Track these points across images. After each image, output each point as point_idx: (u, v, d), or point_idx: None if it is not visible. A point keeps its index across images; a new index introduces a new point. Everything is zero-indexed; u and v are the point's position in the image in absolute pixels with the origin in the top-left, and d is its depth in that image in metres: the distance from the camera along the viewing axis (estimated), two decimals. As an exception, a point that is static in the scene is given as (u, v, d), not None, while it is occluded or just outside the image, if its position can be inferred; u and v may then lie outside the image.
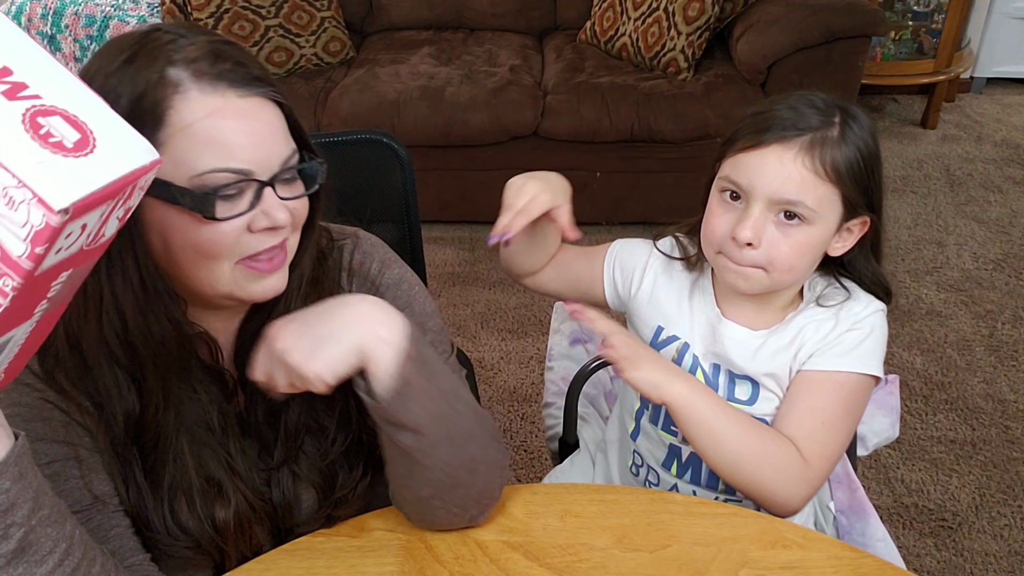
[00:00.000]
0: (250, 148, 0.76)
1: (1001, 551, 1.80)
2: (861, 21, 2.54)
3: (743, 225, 0.94)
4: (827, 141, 0.93)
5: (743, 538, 0.92)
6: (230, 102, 0.75)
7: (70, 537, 0.72)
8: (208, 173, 0.75)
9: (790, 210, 0.94)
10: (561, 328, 1.35)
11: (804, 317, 1.03)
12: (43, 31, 2.72)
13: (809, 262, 0.98)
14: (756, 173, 0.94)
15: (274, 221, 0.79)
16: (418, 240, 1.34)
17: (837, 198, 0.94)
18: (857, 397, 1.01)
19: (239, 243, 0.79)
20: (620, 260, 1.14)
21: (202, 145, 0.75)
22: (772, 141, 0.93)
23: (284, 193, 0.80)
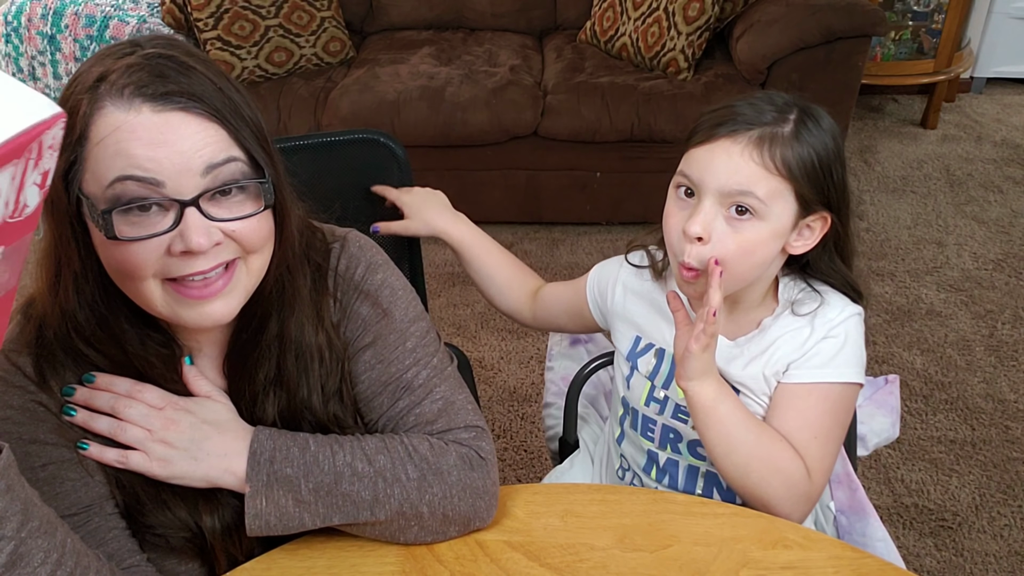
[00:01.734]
0: (157, 158, 0.73)
1: (1001, 551, 1.80)
2: (861, 21, 2.54)
3: (693, 220, 0.94)
4: (777, 137, 0.93)
5: (744, 538, 0.92)
6: (142, 116, 0.74)
7: (61, 547, 0.71)
8: (115, 182, 0.73)
9: (740, 204, 0.93)
10: (561, 328, 1.35)
11: (780, 326, 1.03)
12: (43, 31, 2.72)
13: (762, 259, 0.97)
14: (706, 167, 0.95)
15: (188, 245, 0.75)
16: (417, 240, 1.34)
17: (789, 193, 0.94)
18: (843, 405, 1.00)
19: (161, 265, 0.76)
20: (597, 281, 1.18)
21: (111, 157, 0.74)
22: (723, 135, 0.94)
23: (219, 213, 0.77)
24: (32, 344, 0.84)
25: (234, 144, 0.77)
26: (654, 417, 1.11)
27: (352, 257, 0.94)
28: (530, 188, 2.80)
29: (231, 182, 0.77)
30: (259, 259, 0.82)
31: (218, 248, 0.77)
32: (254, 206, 0.79)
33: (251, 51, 2.76)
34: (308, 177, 0.92)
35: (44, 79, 2.78)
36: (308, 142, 1.25)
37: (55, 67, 2.76)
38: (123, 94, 0.74)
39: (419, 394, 0.92)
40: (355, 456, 0.86)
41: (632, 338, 1.12)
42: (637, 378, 1.11)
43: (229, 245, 0.78)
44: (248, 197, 0.79)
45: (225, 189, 0.77)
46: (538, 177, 2.78)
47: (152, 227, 0.75)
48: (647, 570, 0.89)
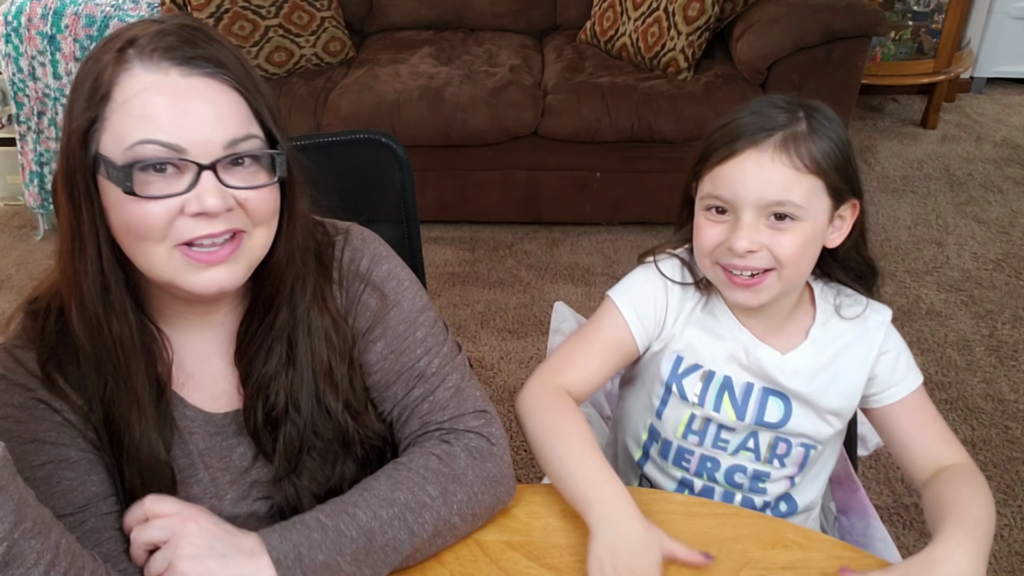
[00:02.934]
0: (182, 125, 0.75)
1: (1001, 551, 1.80)
2: (861, 21, 2.54)
3: (737, 236, 0.93)
4: (799, 136, 0.93)
5: (744, 538, 0.92)
6: (170, 79, 0.75)
7: (55, 547, 0.70)
8: (137, 145, 0.74)
9: (779, 211, 0.93)
10: (561, 328, 1.35)
11: (832, 336, 1.04)
12: (43, 31, 2.72)
13: (811, 257, 0.98)
14: (737, 182, 0.94)
15: (203, 206, 0.76)
16: (418, 240, 1.34)
17: (822, 189, 0.95)
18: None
19: (173, 227, 0.77)
20: (636, 308, 1.05)
21: (136, 119, 0.75)
22: (745, 147, 0.93)
23: (233, 181, 0.78)
24: (36, 339, 0.84)
25: (253, 118, 0.79)
26: (691, 448, 1.09)
27: (356, 249, 0.96)
28: (530, 188, 2.80)
29: (248, 153, 0.79)
30: (264, 233, 0.83)
31: (229, 214, 0.79)
32: (266, 177, 0.81)
33: (251, 51, 2.76)
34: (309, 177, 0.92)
35: (44, 79, 2.78)
36: (309, 142, 1.25)
37: (55, 67, 2.76)
38: (152, 57, 0.75)
39: (432, 382, 0.94)
40: (374, 506, 0.84)
41: (674, 359, 1.06)
42: (674, 407, 1.08)
43: (239, 214, 0.80)
44: (261, 168, 0.81)
45: (239, 159, 0.78)
46: (538, 177, 2.78)
47: (168, 187, 0.76)
48: (647, 570, 0.88)
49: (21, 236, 2.98)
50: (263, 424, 0.91)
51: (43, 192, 2.87)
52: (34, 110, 2.82)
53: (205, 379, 0.92)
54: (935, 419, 1.04)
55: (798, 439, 1.07)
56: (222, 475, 0.91)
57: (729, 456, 1.08)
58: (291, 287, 0.89)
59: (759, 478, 1.08)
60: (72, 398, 0.83)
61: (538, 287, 2.65)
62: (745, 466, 1.08)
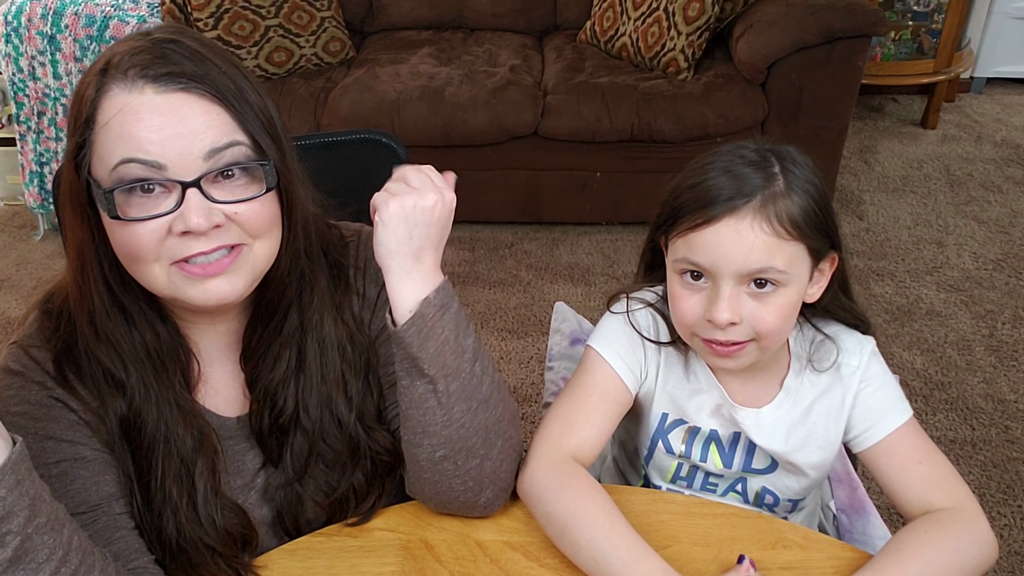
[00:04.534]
0: (159, 141, 0.74)
1: (1001, 551, 1.80)
2: (861, 21, 2.54)
3: (718, 308, 0.89)
4: (777, 197, 0.88)
5: (743, 538, 0.92)
6: (145, 97, 0.75)
7: (67, 544, 0.71)
8: (119, 165, 0.75)
9: (761, 278, 0.89)
10: (561, 328, 1.35)
11: (806, 387, 1.01)
12: (43, 31, 2.72)
13: (792, 321, 0.95)
14: (715, 251, 0.89)
15: (187, 225, 0.75)
16: (418, 240, 1.34)
17: (803, 251, 0.90)
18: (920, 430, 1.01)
19: (164, 246, 0.77)
20: (620, 354, 1.02)
21: (115, 140, 0.75)
22: (722, 215, 0.88)
23: (221, 195, 0.77)
24: (51, 339, 0.84)
25: (237, 128, 0.78)
26: (681, 489, 1.10)
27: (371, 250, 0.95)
28: (530, 188, 2.80)
29: (233, 164, 0.77)
30: (266, 245, 0.82)
31: (219, 230, 0.78)
32: (257, 189, 0.79)
33: (251, 51, 2.76)
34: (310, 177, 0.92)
35: (44, 79, 2.78)
36: (310, 142, 1.25)
37: (55, 67, 2.76)
38: (127, 75, 0.75)
39: None
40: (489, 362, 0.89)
41: (659, 415, 1.05)
42: (660, 457, 1.07)
43: (232, 228, 0.79)
44: (252, 180, 0.80)
45: (228, 172, 0.78)
46: (538, 177, 2.78)
47: (155, 208, 0.76)
48: (647, 570, 0.88)
49: (21, 236, 2.98)
50: (270, 430, 0.91)
51: (43, 192, 2.87)
52: (34, 110, 2.82)
53: (217, 383, 0.92)
54: (923, 458, 0.97)
55: (786, 495, 1.06)
56: (234, 479, 0.91)
57: (719, 497, 1.08)
58: (299, 292, 0.88)
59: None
60: (86, 398, 0.84)
61: (538, 287, 2.65)
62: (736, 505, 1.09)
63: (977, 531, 0.90)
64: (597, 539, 0.86)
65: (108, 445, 0.84)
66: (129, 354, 0.84)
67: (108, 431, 0.84)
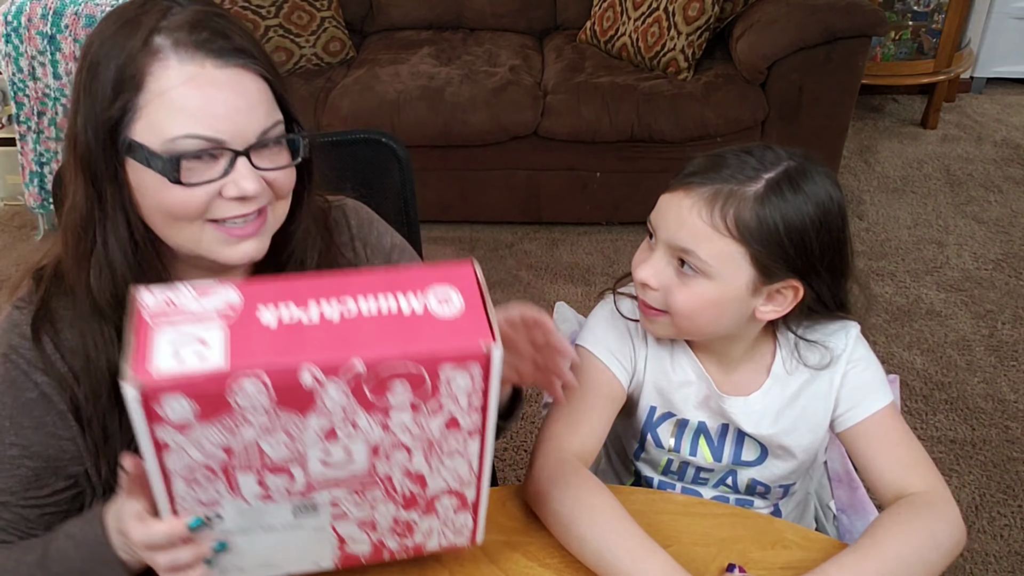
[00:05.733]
0: (223, 118, 0.78)
1: (1001, 551, 1.80)
2: (861, 21, 2.54)
3: (641, 265, 0.95)
4: (736, 196, 0.88)
5: (743, 538, 0.92)
6: (207, 71, 0.77)
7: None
8: (179, 139, 0.77)
9: (685, 259, 0.91)
10: (562, 328, 1.35)
11: (796, 373, 1.01)
12: (43, 31, 2.72)
13: (718, 318, 0.94)
14: (659, 214, 0.94)
15: (242, 191, 0.80)
16: (418, 240, 1.34)
17: (742, 257, 0.89)
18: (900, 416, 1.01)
19: (209, 207, 0.81)
20: (611, 349, 1.03)
21: (176, 112, 0.77)
22: (679, 186, 0.92)
23: (262, 163, 0.82)
24: (36, 301, 0.87)
25: (276, 105, 0.83)
26: (672, 482, 1.11)
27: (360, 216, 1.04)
28: (530, 188, 2.80)
29: (276, 137, 0.83)
30: (283, 206, 0.88)
31: (260, 195, 0.83)
32: (288, 158, 0.85)
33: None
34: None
35: (44, 79, 2.78)
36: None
37: (55, 67, 2.76)
38: (187, 49, 0.77)
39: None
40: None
41: (647, 408, 1.06)
42: (650, 452, 1.08)
43: (265, 191, 0.83)
44: (283, 149, 0.85)
45: (266, 142, 0.82)
46: (538, 177, 2.78)
47: (207, 173, 0.79)
48: (647, 570, 0.88)
49: (21, 236, 2.98)
50: None
51: (43, 192, 2.87)
52: (34, 110, 2.81)
53: None
54: (900, 441, 0.98)
55: (776, 482, 1.07)
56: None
57: (711, 489, 1.10)
58: (302, 255, 0.93)
59: (743, 505, 1.10)
60: (56, 364, 0.85)
61: (538, 287, 2.65)
62: (727, 496, 1.10)
63: (949, 514, 0.91)
64: (603, 534, 0.86)
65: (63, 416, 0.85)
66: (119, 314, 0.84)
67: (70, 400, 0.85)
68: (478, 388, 0.61)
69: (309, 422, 0.60)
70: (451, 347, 0.59)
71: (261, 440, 0.61)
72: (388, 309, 0.60)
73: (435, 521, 0.74)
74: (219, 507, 0.66)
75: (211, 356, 0.56)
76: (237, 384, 0.57)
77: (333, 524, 0.71)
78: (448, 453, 0.66)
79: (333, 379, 0.58)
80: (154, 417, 0.57)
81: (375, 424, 0.62)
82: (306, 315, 0.59)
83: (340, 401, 0.59)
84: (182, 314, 0.59)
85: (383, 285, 0.61)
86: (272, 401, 0.58)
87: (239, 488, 0.64)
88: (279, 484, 0.65)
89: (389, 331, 0.59)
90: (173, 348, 0.57)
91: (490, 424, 0.66)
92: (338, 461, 0.64)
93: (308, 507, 0.68)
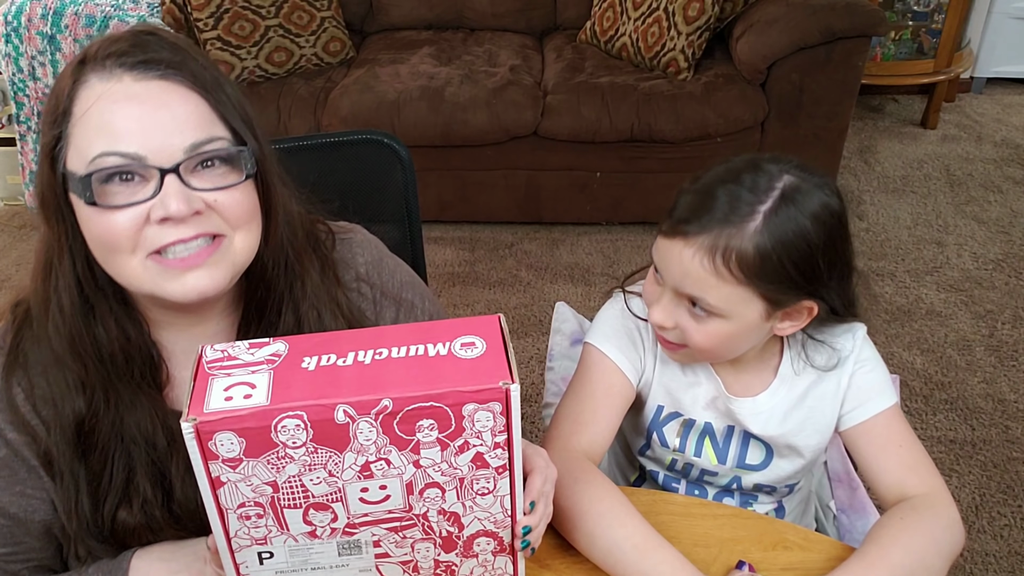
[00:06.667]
0: (140, 132, 0.73)
1: (1001, 551, 1.80)
2: (861, 21, 2.54)
3: (654, 309, 0.94)
4: (735, 238, 0.86)
5: (744, 539, 0.92)
6: (124, 85, 0.74)
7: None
8: (98, 157, 0.73)
9: (696, 302, 0.91)
10: (561, 328, 1.35)
11: (804, 374, 1.02)
12: (43, 31, 2.72)
13: (735, 346, 0.95)
14: (663, 261, 0.92)
15: (166, 210, 0.73)
16: (419, 240, 1.34)
17: (751, 295, 0.89)
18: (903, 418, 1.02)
19: (142, 235, 0.75)
20: (619, 347, 1.03)
21: (94, 130, 0.74)
22: (676, 234, 0.89)
23: (200, 183, 0.76)
24: (7, 346, 0.83)
25: (216, 119, 0.77)
26: (678, 479, 1.11)
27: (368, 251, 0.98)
28: (530, 188, 2.80)
29: (213, 155, 0.76)
30: (246, 237, 0.80)
31: (199, 218, 0.76)
32: (236, 177, 0.78)
33: (251, 51, 2.76)
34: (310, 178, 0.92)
35: (44, 79, 2.78)
36: (311, 142, 1.25)
37: (55, 67, 2.76)
38: (104, 64, 0.75)
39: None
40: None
41: (655, 408, 1.06)
42: (655, 450, 1.09)
43: (212, 217, 0.77)
44: (231, 170, 0.78)
45: (207, 162, 0.76)
46: (538, 177, 2.78)
47: (133, 195, 0.74)
48: (647, 571, 0.88)
49: (21, 236, 2.98)
50: None
51: (43, 192, 2.87)
52: (34, 110, 2.81)
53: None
54: (903, 443, 0.98)
55: (781, 482, 1.07)
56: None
57: (715, 489, 1.10)
58: (289, 288, 0.87)
59: (746, 504, 1.10)
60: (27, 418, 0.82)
61: (538, 287, 2.65)
62: (732, 493, 1.10)
63: (949, 517, 0.92)
64: (612, 531, 0.87)
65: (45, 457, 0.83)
66: (93, 354, 0.81)
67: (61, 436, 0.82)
68: (500, 426, 0.65)
69: (346, 458, 0.65)
70: (472, 386, 0.63)
71: (304, 476, 0.65)
72: (416, 352, 0.66)
73: (475, 564, 0.76)
74: (270, 544, 0.70)
75: (257, 396, 0.63)
76: (279, 421, 0.62)
77: (377, 565, 0.74)
78: (479, 492, 0.70)
79: (364, 417, 0.63)
80: (208, 454, 0.63)
81: (407, 461, 0.66)
82: (342, 360, 0.65)
83: (372, 438, 0.64)
84: (236, 364, 0.66)
85: (415, 337, 0.68)
86: (310, 437, 0.63)
87: (287, 524, 0.69)
88: (323, 520, 0.69)
89: (416, 372, 0.64)
90: (225, 392, 0.63)
91: (517, 464, 0.69)
92: (376, 498, 0.68)
93: (352, 545, 0.71)
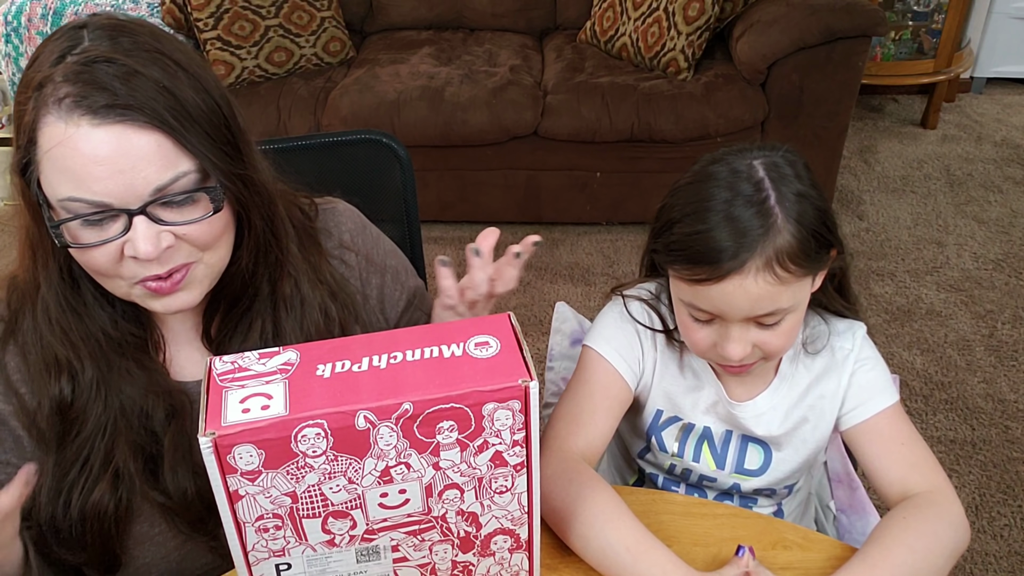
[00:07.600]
0: (102, 180, 0.72)
1: (1001, 551, 1.80)
2: (861, 21, 2.54)
3: (729, 348, 0.91)
4: (776, 239, 0.86)
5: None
6: (82, 131, 0.72)
7: None
8: (65, 200, 0.74)
9: (767, 315, 0.90)
10: (562, 328, 1.35)
11: (802, 371, 1.03)
12: (43, 31, 2.72)
13: (800, 327, 0.97)
14: (722, 303, 0.89)
15: (136, 252, 0.75)
16: (419, 240, 1.34)
17: (806, 279, 0.91)
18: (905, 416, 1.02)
19: (122, 267, 0.78)
20: (618, 350, 1.04)
21: (58, 173, 0.74)
22: (728, 274, 0.87)
23: (171, 217, 0.77)
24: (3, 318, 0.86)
25: (181, 154, 0.75)
26: (677, 481, 1.11)
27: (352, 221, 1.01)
28: (530, 188, 2.80)
29: (179, 194, 0.76)
30: (216, 254, 0.82)
31: (170, 251, 0.78)
32: (205, 209, 0.78)
33: (251, 51, 2.76)
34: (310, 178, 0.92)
35: (44, 79, 2.78)
36: (310, 142, 1.25)
37: (55, 67, 2.76)
38: (61, 105, 0.72)
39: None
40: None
41: (653, 411, 1.06)
42: (654, 454, 1.09)
43: (182, 247, 0.79)
44: (201, 199, 0.78)
45: (170, 198, 0.76)
46: (538, 177, 2.78)
47: (103, 234, 0.76)
48: (647, 570, 0.88)
49: (21, 236, 2.98)
50: None
51: (43, 192, 2.87)
52: (34, 110, 2.81)
53: (184, 360, 0.93)
54: (906, 441, 0.98)
55: (780, 484, 1.08)
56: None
57: (714, 492, 1.10)
58: (268, 269, 0.89)
59: (746, 507, 1.10)
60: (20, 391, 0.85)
61: (538, 287, 2.65)
62: (731, 495, 1.10)
63: (953, 514, 0.91)
64: (605, 531, 0.86)
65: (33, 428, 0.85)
66: (81, 334, 0.84)
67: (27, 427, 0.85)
68: (519, 423, 0.65)
69: (366, 464, 0.65)
70: (491, 385, 0.64)
71: (323, 484, 0.65)
72: (431, 354, 0.66)
73: (492, 562, 0.76)
74: (288, 555, 0.69)
75: (275, 407, 0.62)
76: (299, 431, 0.62)
77: (395, 569, 0.74)
78: (497, 491, 0.70)
79: (385, 421, 0.63)
80: (227, 467, 0.62)
81: (427, 464, 0.66)
82: (357, 366, 0.65)
83: (393, 442, 0.64)
84: (248, 375, 0.65)
85: (428, 340, 0.67)
86: (331, 445, 0.63)
87: (305, 534, 0.68)
88: (342, 528, 0.69)
89: (433, 374, 0.64)
90: (241, 405, 0.62)
91: (534, 460, 0.69)
92: (395, 503, 0.68)
93: (371, 552, 0.71)
